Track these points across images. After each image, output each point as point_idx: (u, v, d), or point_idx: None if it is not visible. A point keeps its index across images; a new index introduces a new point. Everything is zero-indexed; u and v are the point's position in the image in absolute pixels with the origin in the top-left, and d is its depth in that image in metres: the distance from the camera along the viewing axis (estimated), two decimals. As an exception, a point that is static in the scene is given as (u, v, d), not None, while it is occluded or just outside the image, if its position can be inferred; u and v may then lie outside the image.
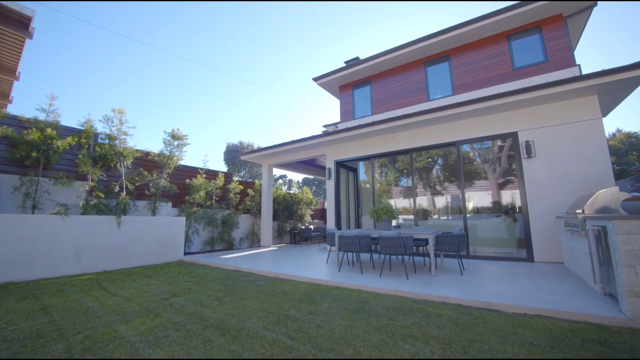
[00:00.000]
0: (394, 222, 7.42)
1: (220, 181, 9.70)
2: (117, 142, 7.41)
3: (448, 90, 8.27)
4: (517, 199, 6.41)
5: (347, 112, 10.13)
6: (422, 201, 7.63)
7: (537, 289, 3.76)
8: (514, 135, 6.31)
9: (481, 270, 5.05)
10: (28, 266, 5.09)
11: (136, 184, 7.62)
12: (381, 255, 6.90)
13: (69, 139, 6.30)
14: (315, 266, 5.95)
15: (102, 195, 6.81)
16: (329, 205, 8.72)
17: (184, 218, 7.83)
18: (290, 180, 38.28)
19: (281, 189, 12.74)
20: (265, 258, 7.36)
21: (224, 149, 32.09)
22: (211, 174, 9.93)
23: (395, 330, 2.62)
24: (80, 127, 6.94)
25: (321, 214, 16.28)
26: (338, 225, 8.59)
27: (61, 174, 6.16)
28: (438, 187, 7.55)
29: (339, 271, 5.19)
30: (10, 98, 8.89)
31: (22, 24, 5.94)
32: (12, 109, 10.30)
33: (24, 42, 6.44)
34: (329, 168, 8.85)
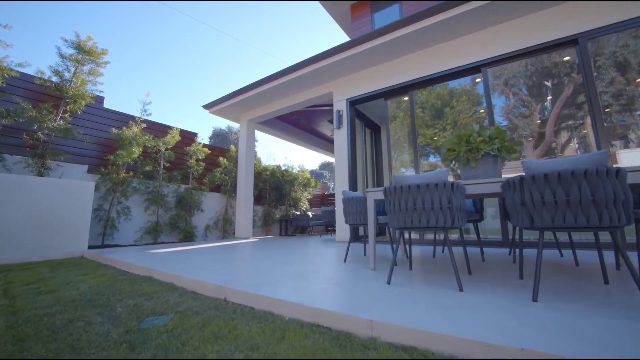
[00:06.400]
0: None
1: (172, 139, 6.40)
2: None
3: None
4: None
5: (362, 41, 6.87)
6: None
7: None
8: None
9: None
10: None
11: (3, 123, 4.34)
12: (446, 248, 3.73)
13: None
14: (320, 271, 2.71)
15: None
16: (339, 168, 5.49)
17: (93, 184, 4.55)
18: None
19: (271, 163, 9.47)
20: (227, 254, 4.11)
21: (209, 134, 28.64)
22: (158, 128, 6.60)
23: None
24: None
25: (321, 202, 13.03)
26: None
27: None
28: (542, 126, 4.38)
29: (388, 283, 1.97)
30: None
31: None
32: None
33: None
34: (339, 111, 5.61)
